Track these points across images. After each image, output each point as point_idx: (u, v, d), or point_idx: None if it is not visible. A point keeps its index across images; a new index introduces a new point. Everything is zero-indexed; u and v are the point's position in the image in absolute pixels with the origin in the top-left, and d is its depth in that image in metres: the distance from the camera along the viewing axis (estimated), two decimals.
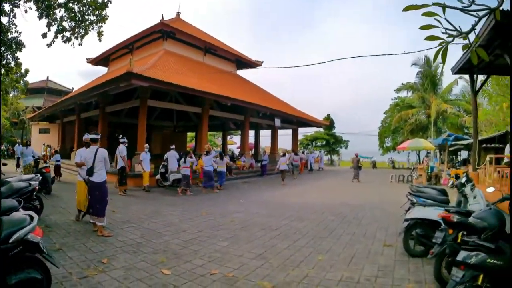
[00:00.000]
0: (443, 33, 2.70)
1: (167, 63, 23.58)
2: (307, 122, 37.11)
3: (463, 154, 31.35)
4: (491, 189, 6.82)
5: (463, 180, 7.98)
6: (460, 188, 7.88)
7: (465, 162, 25.09)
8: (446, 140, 25.20)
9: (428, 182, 22.66)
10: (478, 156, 14.08)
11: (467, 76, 19.03)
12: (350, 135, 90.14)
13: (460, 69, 13.42)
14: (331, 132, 57.60)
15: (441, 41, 2.69)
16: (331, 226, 9.72)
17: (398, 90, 47.00)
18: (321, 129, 52.74)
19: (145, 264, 6.13)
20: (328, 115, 57.25)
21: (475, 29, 2.90)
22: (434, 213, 6.68)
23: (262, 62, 35.75)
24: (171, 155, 17.13)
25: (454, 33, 2.74)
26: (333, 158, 59.69)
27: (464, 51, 3.29)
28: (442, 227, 5.76)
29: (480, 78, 15.43)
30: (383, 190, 19.63)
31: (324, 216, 11.12)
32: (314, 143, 57.83)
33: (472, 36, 2.78)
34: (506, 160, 12.89)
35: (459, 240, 4.56)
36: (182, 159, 16.27)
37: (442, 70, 40.88)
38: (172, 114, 32.02)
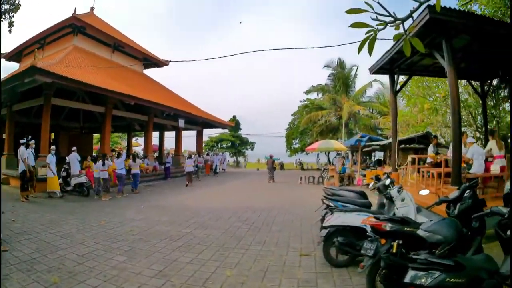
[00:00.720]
0: (373, 19, 2.44)
1: (75, 59, 22.53)
2: (212, 123, 37.14)
3: (378, 155, 31.91)
4: (425, 192, 6.39)
5: (387, 181, 7.56)
6: (384, 191, 7.46)
7: (380, 163, 25.55)
8: (359, 141, 25.06)
9: (341, 183, 22.63)
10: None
11: (382, 79, 19.28)
12: (257, 137, 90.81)
13: (380, 69, 13.27)
14: (236, 133, 57.77)
15: (369, 29, 2.43)
16: (238, 234, 9.06)
17: (307, 92, 47.32)
18: (227, 131, 52.83)
19: (38, 286, 5.34)
20: (234, 116, 57.44)
21: (413, 16, 2.71)
22: (357, 219, 6.30)
23: (169, 61, 34.94)
24: (73, 158, 16.33)
25: (387, 19, 2.50)
26: (239, 159, 59.79)
27: (396, 41, 2.72)
28: (372, 237, 5.22)
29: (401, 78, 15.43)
30: (293, 192, 19.26)
31: (231, 223, 10.47)
32: (219, 145, 57.56)
33: (406, 25, 2.56)
34: (429, 160, 12.85)
35: (394, 251, 4.06)
36: (100, 162, 15.78)
37: (356, 72, 42.14)
38: (80, 115, 30.74)
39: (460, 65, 8.80)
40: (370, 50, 2.53)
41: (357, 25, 2.42)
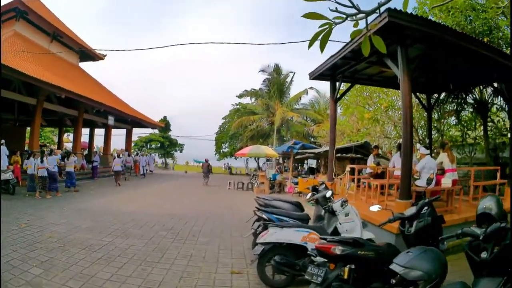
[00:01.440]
0: (332, 10, 2.25)
1: (13, 45, 21.56)
2: (142, 122, 36.53)
3: (310, 163, 31.80)
4: (375, 208, 5.74)
5: (328, 193, 6.85)
6: (324, 203, 6.76)
7: (313, 171, 25.24)
8: (291, 148, 24.80)
9: (271, 190, 22.23)
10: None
11: (319, 86, 18.85)
12: (186, 139, 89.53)
13: (320, 75, 12.63)
14: (166, 134, 57.01)
15: (325, 21, 2.24)
16: (163, 244, 8.15)
17: (240, 96, 47.14)
18: (157, 131, 51.98)
19: None
20: (165, 117, 56.92)
21: (379, 10, 2.52)
22: (296, 236, 5.74)
23: (105, 55, 33.77)
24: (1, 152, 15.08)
25: (350, 11, 2.30)
26: (167, 161, 59.05)
27: (343, 47, 3.49)
28: (314, 255, 4.74)
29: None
30: (221, 198, 18.59)
31: (155, 231, 9.52)
32: (148, 145, 56.42)
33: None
34: (369, 170, 12.65)
35: (345, 277, 3.90)
36: (38, 159, 15.20)
37: (292, 78, 42.32)
38: (14, 106, 28.77)
39: (410, 76, 8.19)
40: (322, 47, 2.37)
41: (311, 15, 2.16)
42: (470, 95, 15.81)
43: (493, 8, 11.97)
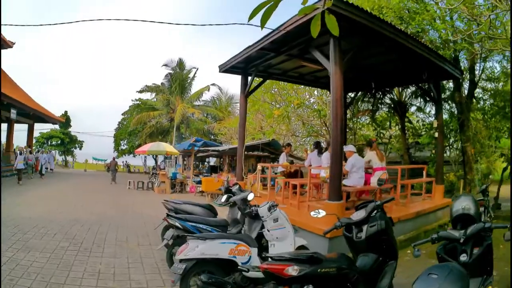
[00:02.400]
0: None
1: None
2: (44, 117, 33.53)
3: (212, 161, 31.03)
4: (321, 213, 4.94)
5: (250, 196, 6.03)
6: (245, 207, 5.99)
7: (215, 170, 24.43)
8: (193, 145, 23.84)
9: (172, 190, 21.25)
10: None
11: (221, 83, 18.10)
12: (86, 136, 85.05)
13: (232, 68, 11.86)
14: (67, 131, 53.69)
15: None
16: (67, 259, 6.88)
17: (141, 91, 45.10)
18: (57, 127, 48.32)
19: None
20: (66, 111, 53.89)
21: None
22: (222, 249, 5.05)
23: (14, 43, 30.13)
24: None
25: None
26: (67, 159, 55.67)
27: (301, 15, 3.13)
28: (251, 276, 4.58)
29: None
30: (122, 199, 17.31)
31: (57, 241, 8.12)
32: (49, 142, 52.38)
33: None
34: (281, 169, 12.27)
35: None
36: None
37: (195, 74, 41.76)
38: None
39: (342, 69, 7.65)
40: (264, 22, 2.21)
41: None
42: (387, 95, 16.10)
43: (430, 11, 12.05)
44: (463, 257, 3.29)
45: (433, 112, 16.88)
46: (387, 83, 13.87)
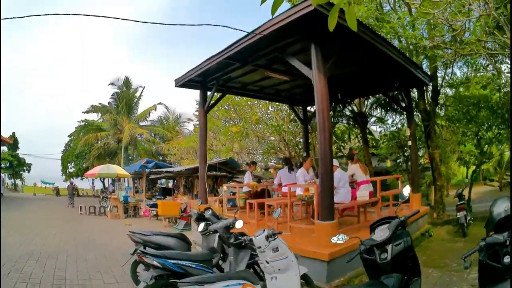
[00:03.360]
0: None
1: None
2: None
3: (166, 183, 29.97)
4: (343, 238, 4.24)
5: (239, 224, 5.23)
6: (227, 235, 5.23)
7: (169, 192, 23.37)
8: (144, 167, 22.77)
9: (126, 214, 19.94)
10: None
11: (168, 102, 17.15)
12: (34, 158, 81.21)
13: (189, 81, 11.07)
14: (15, 153, 51.60)
15: None
16: None
17: (87, 112, 43.19)
18: (5, 149, 46.52)
19: None
20: (13, 133, 51.10)
21: None
22: None
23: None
24: None
25: None
26: (17, 182, 54.13)
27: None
28: None
29: None
30: (77, 225, 15.87)
31: (11, 284, 6.76)
32: None
33: None
34: (246, 189, 11.54)
35: None
36: None
37: (141, 93, 40.82)
38: None
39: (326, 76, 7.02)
40: (274, 9, 2.24)
41: None
42: (348, 107, 15.85)
43: (400, 19, 11.89)
44: (507, 259, 3.11)
45: (396, 121, 17.12)
46: (355, 93, 13.55)
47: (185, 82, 11.02)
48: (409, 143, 11.52)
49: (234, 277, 4.38)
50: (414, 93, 14.31)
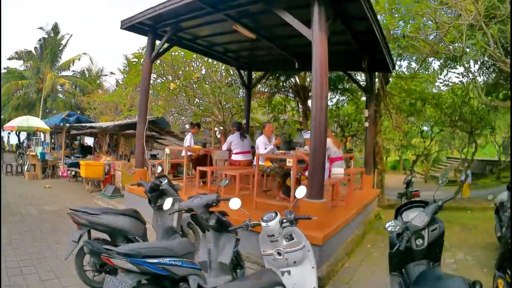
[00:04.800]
0: None
1: None
2: None
3: (90, 141, 26.81)
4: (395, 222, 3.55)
5: (234, 204, 3.98)
6: (206, 216, 4.15)
7: (89, 150, 21.17)
8: (65, 120, 19.43)
9: (44, 174, 17.27)
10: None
11: (93, 53, 15.28)
12: None
13: (139, 24, 9.36)
14: None
15: None
16: None
17: (10, 59, 38.68)
18: None
19: None
20: None
21: None
22: None
23: None
24: None
25: None
26: None
27: None
28: None
29: None
30: None
31: None
32: None
33: None
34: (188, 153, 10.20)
35: None
36: None
37: (68, 41, 38.01)
38: None
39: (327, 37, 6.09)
40: None
41: None
42: (291, 79, 15.56)
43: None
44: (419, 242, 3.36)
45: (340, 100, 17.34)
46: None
47: (134, 24, 9.35)
48: (366, 124, 11.18)
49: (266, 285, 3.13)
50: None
